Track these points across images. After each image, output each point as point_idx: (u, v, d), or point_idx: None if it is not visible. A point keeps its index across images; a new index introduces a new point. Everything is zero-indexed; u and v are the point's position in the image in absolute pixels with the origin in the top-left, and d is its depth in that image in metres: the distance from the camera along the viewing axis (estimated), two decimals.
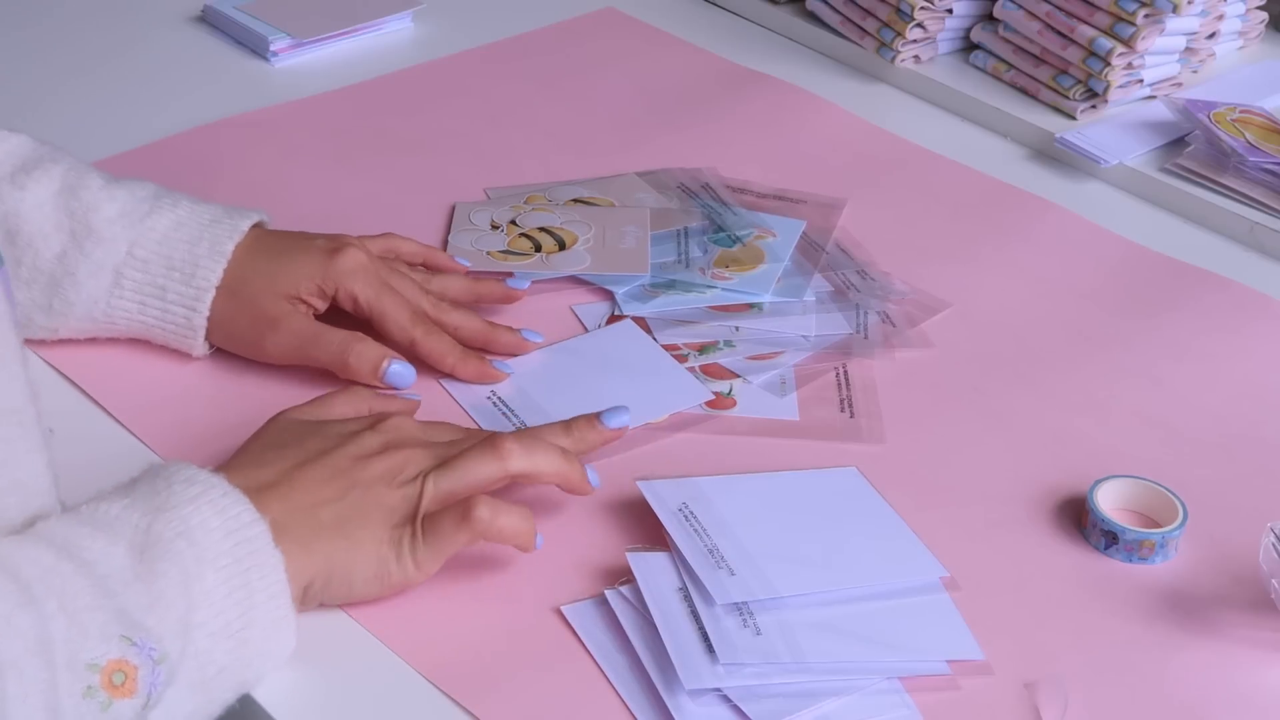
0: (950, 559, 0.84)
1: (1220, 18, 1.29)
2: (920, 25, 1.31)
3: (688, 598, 0.79)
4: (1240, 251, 1.14)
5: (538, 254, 1.06)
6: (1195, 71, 1.30)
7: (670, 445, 0.92)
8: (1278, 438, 0.96)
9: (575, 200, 1.13)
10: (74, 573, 0.68)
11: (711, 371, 0.98)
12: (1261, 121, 1.21)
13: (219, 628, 0.72)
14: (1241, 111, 1.22)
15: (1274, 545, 0.82)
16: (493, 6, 1.43)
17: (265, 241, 0.96)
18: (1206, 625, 0.82)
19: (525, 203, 1.13)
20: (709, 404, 0.96)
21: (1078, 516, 0.88)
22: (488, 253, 1.07)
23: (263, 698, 0.75)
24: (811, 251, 1.10)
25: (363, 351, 0.93)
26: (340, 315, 0.96)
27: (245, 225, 0.95)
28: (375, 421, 0.83)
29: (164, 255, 0.93)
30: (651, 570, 0.81)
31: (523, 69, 1.34)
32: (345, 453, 0.80)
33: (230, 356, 0.97)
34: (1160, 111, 1.25)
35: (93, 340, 0.97)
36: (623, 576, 0.82)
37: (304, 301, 0.95)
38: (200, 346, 0.95)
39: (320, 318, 0.96)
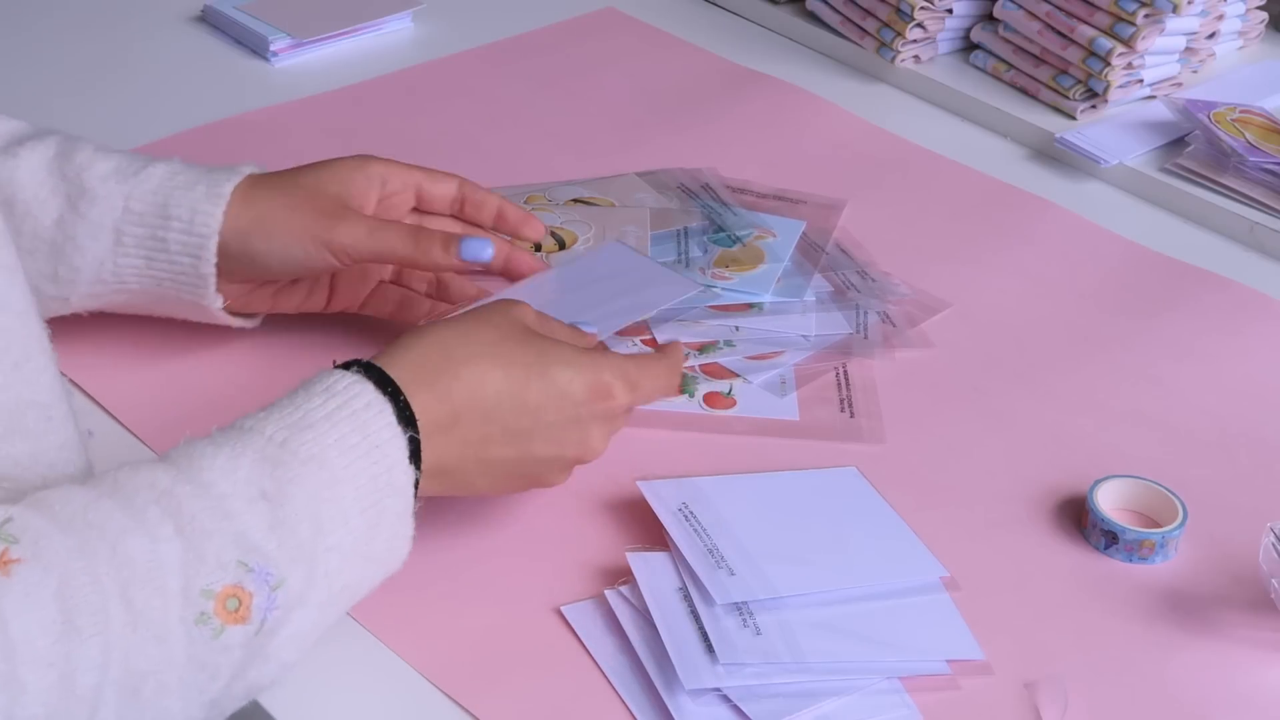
0: (950, 559, 0.84)
1: (1220, 18, 1.29)
2: (920, 25, 1.31)
3: (687, 598, 0.79)
4: (1240, 251, 1.14)
5: (538, 253, 1.07)
6: (1195, 71, 1.30)
7: (670, 445, 0.92)
8: (1278, 438, 0.96)
9: (575, 200, 1.13)
10: (192, 494, 0.68)
11: (711, 371, 0.98)
12: (1261, 121, 1.21)
13: (350, 547, 0.72)
14: (1241, 111, 1.22)
15: (1274, 545, 0.82)
16: (493, 6, 1.43)
17: (277, 175, 0.93)
18: (1206, 625, 0.82)
19: (525, 203, 1.13)
20: (709, 404, 0.96)
21: (1078, 516, 0.88)
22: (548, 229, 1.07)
23: (264, 698, 0.75)
24: (811, 251, 1.10)
25: (433, 233, 0.90)
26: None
27: (243, 170, 0.93)
28: (597, 399, 0.81)
29: (159, 205, 0.90)
30: (651, 570, 0.81)
31: (523, 69, 1.34)
32: (552, 437, 0.80)
33: (231, 354, 0.97)
34: (1160, 111, 1.25)
35: (92, 339, 0.97)
36: (623, 577, 0.82)
37: (353, 199, 0.93)
38: (212, 298, 0.92)
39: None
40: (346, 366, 0.76)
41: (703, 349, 1.00)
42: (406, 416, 0.74)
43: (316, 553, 0.70)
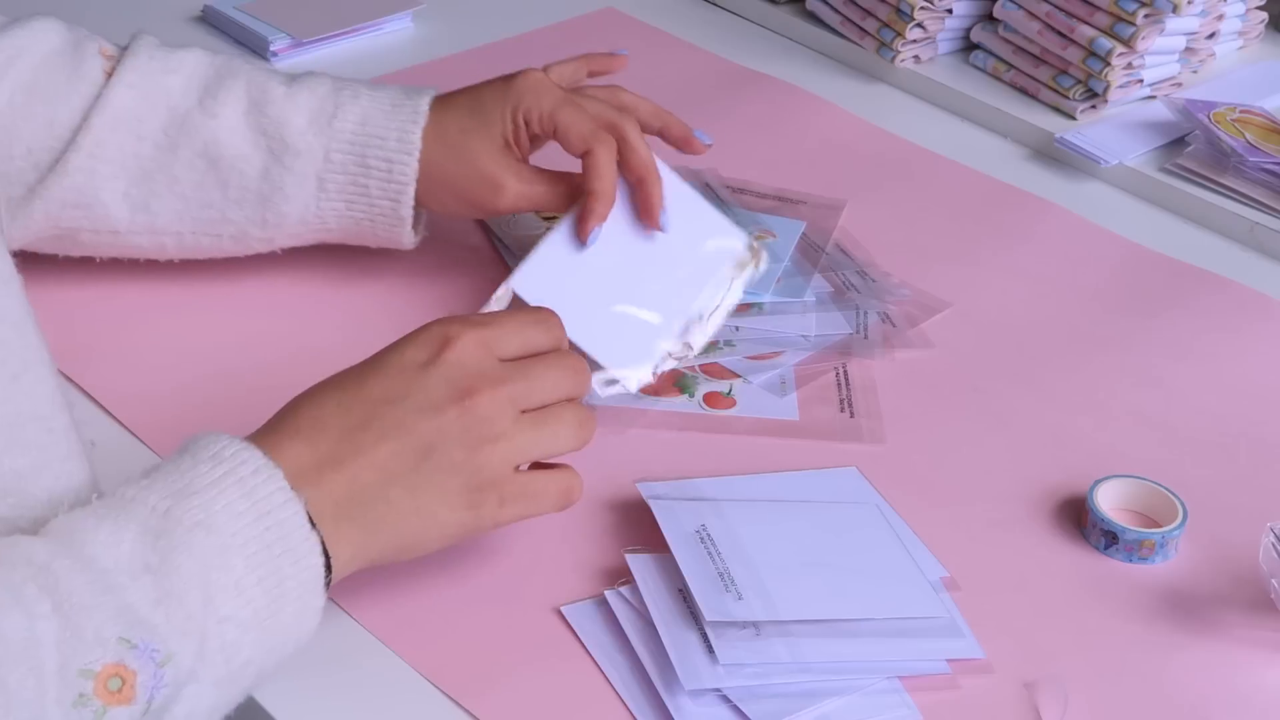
0: (950, 559, 0.84)
1: (1220, 18, 1.29)
2: (920, 25, 1.31)
3: (688, 599, 0.79)
4: (1240, 251, 1.14)
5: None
6: (1195, 71, 1.30)
7: (670, 445, 0.92)
8: (1278, 438, 0.96)
9: None
10: (71, 569, 0.64)
11: (711, 371, 0.98)
12: (1261, 121, 1.21)
13: (248, 617, 0.68)
14: (1241, 111, 1.22)
15: (1274, 545, 0.82)
16: (493, 6, 1.43)
17: (452, 108, 0.98)
18: (1206, 625, 0.82)
19: None
20: (709, 404, 0.96)
21: (1078, 516, 0.88)
22: (540, 215, 1.07)
23: (263, 698, 0.75)
24: (811, 252, 1.10)
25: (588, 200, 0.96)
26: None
27: (424, 105, 0.97)
28: (439, 350, 0.75)
29: (358, 156, 0.97)
30: (651, 571, 0.81)
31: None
32: (412, 406, 0.73)
33: (232, 354, 0.97)
34: (1160, 111, 1.25)
35: (95, 343, 0.97)
36: (622, 577, 0.82)
37: (513, 141, 0.98)
38: (409, 237, 1.00)
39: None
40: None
41: (703, 349, 1.00)
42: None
43: (208, 625, 0.66)
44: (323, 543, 0.70)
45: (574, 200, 0.97)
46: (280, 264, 1.02)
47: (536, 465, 0.78)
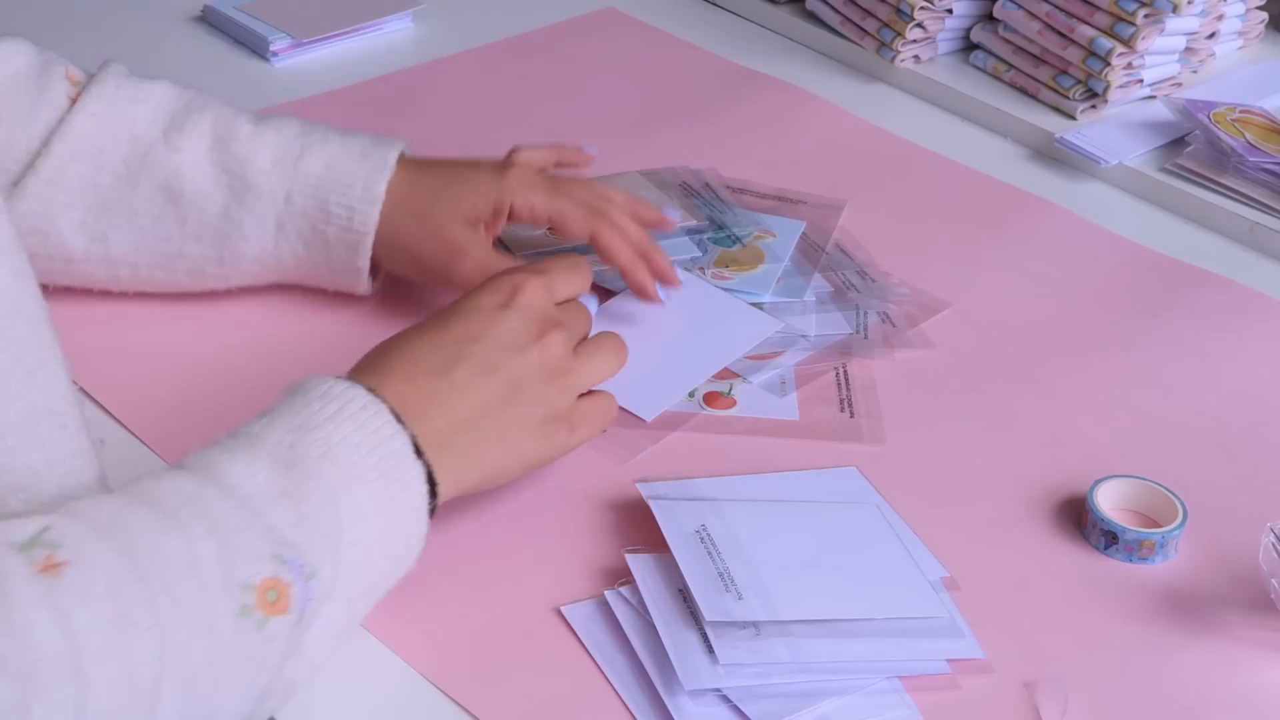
0: (950, 559, 0.84)
1: (1220, 18, 1.29)
2: (920, 25, 1.31)
3: (688, 599, 0.79)
4: (1240, 251, 1.14)
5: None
6: (1195, 71, 1.30)
7: (670, 445, 0.92)
8: (1278, 438, 0.96)
9: None
10: (217, 496, 0.68)
11: None
12: (1261, 121, 1.21)
13: (373, 542, 0.72)
14: (1241, 111, 1.22)
15: (1274, 545, 0.82)
16: (493, 6, 1.43)
17: (429, 171, 1.00)
18: (1206, 625, 0.82)
19: None
20: (709, 404, 0.96)
21: (1078, 516, 0.88)
22: (546, 231, 1.07)
23: None
24: (811, 252, 1.10)
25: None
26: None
27: (392, 157, 0.98)
28: (511, 295, 0.82)
29: (319, 201, 0.97)
30: (651, 571, 0.81)
31: (523, 69, 1.34)
32: (496, 344, 0.80)
33: (234, 352, 0.97)
34: (1160, 111, 1.25)
35: (90, 339, 0.97)
36: (622, 577, 0.82)
37: (483, 222, 0.98)
38: (364, 284, 1.00)
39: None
40: None
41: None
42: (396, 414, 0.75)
43: (340, 547, 0.71)
44: (428, 471, 0.75)
45: None
46: None
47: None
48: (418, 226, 0.97)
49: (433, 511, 0.76)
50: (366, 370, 0.78)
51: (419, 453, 0.75)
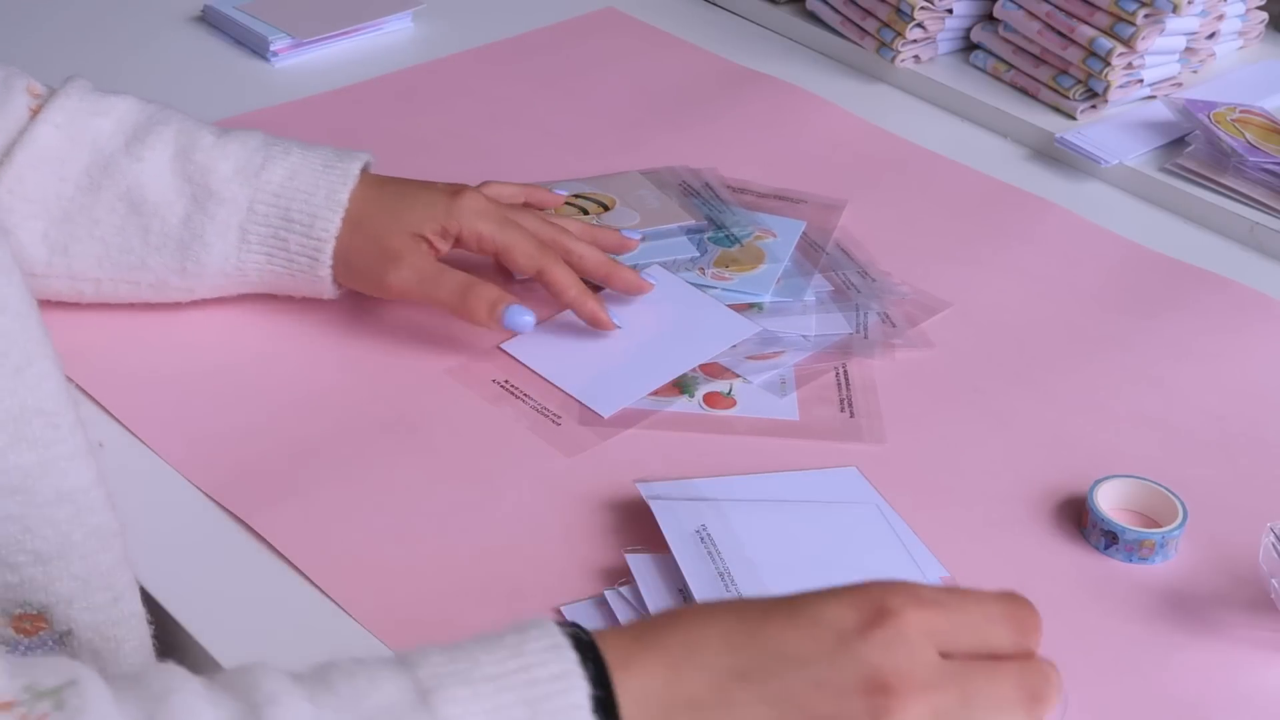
0: (950, 559, 0.84)
1: (1220, 18, 1.29)
2: (920, 25, 1.31)
3: (687, 598, 0.79)
4: (1240, 251, 1.14)
5: (586, 216, 1.09)
6: (1195, 71, 1.30)
7: (670, 445, 0.92)
8: (1278, 438, 0.96)
9: (577, 196, 1.13)
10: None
11: (711, 371, 0.98)
12: (1261, 121, 1.21)
13: None
14: (1241, 111, 1.22)
15: (1274, 545, 0.82)
16: (493, 6, 1.43)
17: (383, 185, 0.99)
18: (1206, 625, 0.82)
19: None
20: (709, 404, 0.96)
21: (1078, 516, 0.88)
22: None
23: None
24: (811, 251, 1.10)
25: (482, 292, 0.96)
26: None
27: (355, 169, 0.97)
28: (871, 621, 0.60)
29: (282, 209, 0.96)
30: (651, 571, 0.81)
31: (523, 69, 1.34)
32: (811, 678, 0.60)
33: (236, 352, 0.97)
34: (1160, 111, 1.25)
35: (90, 340, 0.97)
36: (622, 577, 0.82)
37: (427, 241, 0.97)
38: (329, 290, 0.98)
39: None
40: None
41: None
42: (607, 703, 0.58)
43: None
44: None
45: (461, 311, 0.96)
46: None
47: None
48: (356, 234, 0.96)
49: None
50: (637, 638, 0.61)
51: None
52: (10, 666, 0.56)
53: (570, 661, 0.58)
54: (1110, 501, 0.88)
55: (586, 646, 0.59)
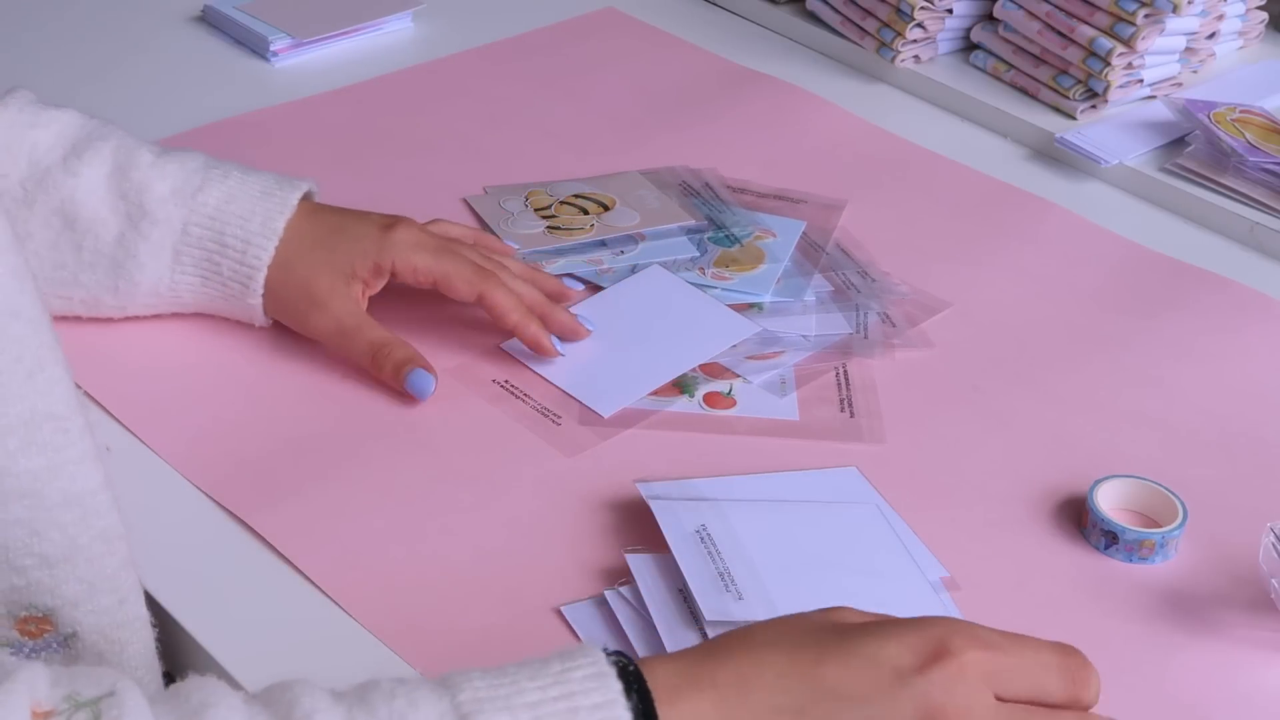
0: (950, 559, 0.84)
1: (1220, 18, 1.29)
2: (920, 25, 1.31)
3: (688, 598, 0.79)
4: (1240, 251, 1.14)
5: (586, 216, 1.09)
6: (1195, 71, 1.30)
7: (670, 445, 0.92)
8: (1278, 438, 0.96)
9: (577, 195, 1.13)
10: None
11: (711, 371, 0.98)
12: (1261, 121, 1.21)
13: None
14: (1241, 111, 1.22)
15: (1274, 545, 0.82)
16: (493, 6, 1.43)
17: (319, 216, 0.97)
18: (1206, 625, 0.82)
19: (526, 199, 1.13)
20: (709, 404, 0.96)
21: (1078, 516, 0.88)
22: (545, 230, 1.07)
23: None
24: (811, 251, 1.10)
25: (391, 353, 0.94)
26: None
27: (294, 198, 0.96)
28: (928, 660, 0.61)
29: (216, 233, 0.95)
30: (651, 571, 0.81)
31: (523, 69, 1.34)
32: (864, 717, 0.60)
33: (236, 353, 0.97)
34: (1160, 111, 1.25)
35: (90, 341, 0.97)
36: (622, 577, 0.82)
37: (360, 279, 0.95)
38: (260, 318, 0.97)
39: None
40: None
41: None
42: None
43: None
44: None
45: (370, 370, 0.95)
46: None
47: None
48: (286, 272, 0.95)
49: None
50: (688, 668, 0.62)
51: None
52: (53, 676, 0.58)
53: (614, 691, 0.59)
54: (1110, 501, 0.88)
55: (632, 676, 0.60)
